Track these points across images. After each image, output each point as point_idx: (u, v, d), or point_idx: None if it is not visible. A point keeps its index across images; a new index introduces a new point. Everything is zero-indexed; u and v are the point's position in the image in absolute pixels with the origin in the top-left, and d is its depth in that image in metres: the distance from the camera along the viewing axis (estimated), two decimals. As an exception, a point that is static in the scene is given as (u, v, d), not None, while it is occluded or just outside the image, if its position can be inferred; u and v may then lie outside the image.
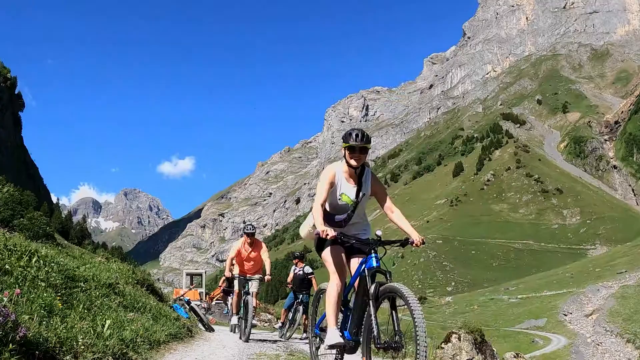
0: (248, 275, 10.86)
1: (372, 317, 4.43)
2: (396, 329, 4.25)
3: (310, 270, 13.99)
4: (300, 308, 12.93)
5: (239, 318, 10.94)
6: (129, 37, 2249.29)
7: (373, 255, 4.68)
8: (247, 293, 10.42)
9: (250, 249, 10.81)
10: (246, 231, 11.00)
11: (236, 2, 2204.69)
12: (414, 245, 4.80)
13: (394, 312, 4.31)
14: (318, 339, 5.66)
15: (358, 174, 5.10)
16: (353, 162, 4.98)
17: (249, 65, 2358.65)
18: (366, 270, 4.65)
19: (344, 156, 5.04)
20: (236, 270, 10.97)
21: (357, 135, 4.93)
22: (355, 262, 5.12)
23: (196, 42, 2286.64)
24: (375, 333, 4.36)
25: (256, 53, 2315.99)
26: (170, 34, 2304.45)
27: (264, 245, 11.21)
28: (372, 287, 4.51)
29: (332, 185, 5.08)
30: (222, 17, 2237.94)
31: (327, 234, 4.60)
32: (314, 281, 13.69)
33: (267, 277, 10.68)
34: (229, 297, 16.76)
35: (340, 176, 5.11)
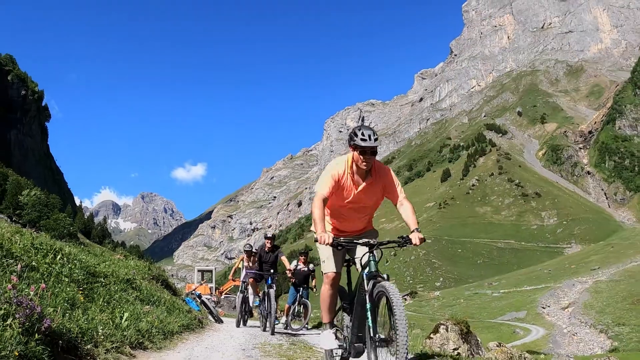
0: (361, 239, 4.58)
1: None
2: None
3: (313, 267, 13.58)
4: (307, 302, 12.82)
5: (335, 334, 4.80)
6: (143, 50, 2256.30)
7: None
8: (374, 276, 4.26)
9: (361, 182, 4.62)
10: (358, 142, 4.41)
11: (245, 24, 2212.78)
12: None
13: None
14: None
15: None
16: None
17: (256, 79, 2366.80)
18: None
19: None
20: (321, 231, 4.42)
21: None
22: None
23: (209, 60, 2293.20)
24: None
25: (262, 67, 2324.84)
26: (185, 48, 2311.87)
27: (394, 176, 4.79)
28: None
29: None
30: (232, 35, 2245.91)
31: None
32: (313, 282, 13.52)
33: (417, 236, 4.44)
34: (267, 285, 10.69)
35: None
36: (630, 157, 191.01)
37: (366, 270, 4.38)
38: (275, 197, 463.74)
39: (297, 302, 12.84)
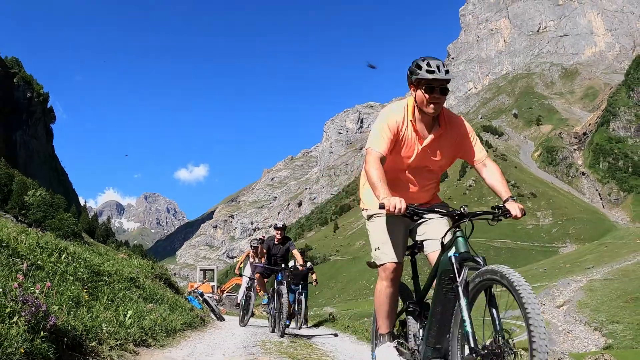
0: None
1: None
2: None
3: (311, 266, 13.58)
4: (303, 299, 12.52)
5: (397, 347, 3.49)
6: (146, 53, 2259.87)
7: None
8: (468, 259, 2.92)
9: (427, 134, 3.40)
10: (423, 75, 3.22)
11: (247, 25, 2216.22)
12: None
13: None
14: None
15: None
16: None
17: (258, 82, 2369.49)
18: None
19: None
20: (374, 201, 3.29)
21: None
22: None
23: (212, 64, 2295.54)
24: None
25: (263, 71, 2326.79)
26: (188, 52, 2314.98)
27: (469, 128, 3.59)
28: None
29: None
30: (234, 42, 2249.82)
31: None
32: (314, 276, 13.53)
33: (517, 207, 3.31)
34: (277, 280, 9.53)
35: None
36: (624, 158, 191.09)
37: (452, 252, 2.98)
38: (275, 197, 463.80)
39: (296, 300, 12.55)
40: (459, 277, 2.88)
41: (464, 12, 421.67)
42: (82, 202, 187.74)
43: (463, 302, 2.85)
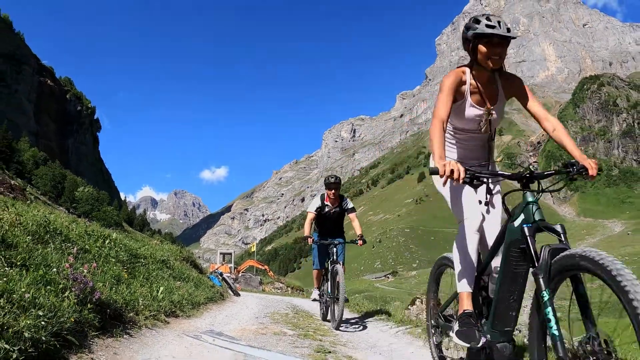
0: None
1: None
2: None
3: (352, 206, 6.71)
4: (339, 268, 5.86)
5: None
6: (179, 75, 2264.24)
7: None
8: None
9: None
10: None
11: (264, 53, 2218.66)
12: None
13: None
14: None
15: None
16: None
17: (268, 99, 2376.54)
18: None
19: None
20: None
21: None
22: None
23: (233, 86, 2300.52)
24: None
25: (272, 89, 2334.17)
26: (214, 76, 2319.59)
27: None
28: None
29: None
30: (247, 60, 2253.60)
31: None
32: (355, 222, 6.49)
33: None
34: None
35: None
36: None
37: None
38: (282, 194, 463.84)
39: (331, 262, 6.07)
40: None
41: (440, 41, 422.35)
42: (122, 197, 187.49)
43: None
